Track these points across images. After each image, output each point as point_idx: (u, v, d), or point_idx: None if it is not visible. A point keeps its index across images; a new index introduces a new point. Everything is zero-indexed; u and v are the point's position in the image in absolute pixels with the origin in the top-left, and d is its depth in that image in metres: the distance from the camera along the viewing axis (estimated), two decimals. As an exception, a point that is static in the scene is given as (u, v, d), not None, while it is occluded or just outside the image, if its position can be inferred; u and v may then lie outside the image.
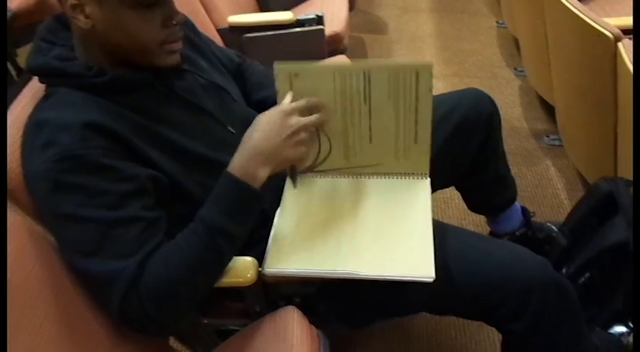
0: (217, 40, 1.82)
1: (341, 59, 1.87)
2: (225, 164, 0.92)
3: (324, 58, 1.90)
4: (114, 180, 0.78)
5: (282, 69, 0.85)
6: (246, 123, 1.02)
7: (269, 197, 0.98)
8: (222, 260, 0.82)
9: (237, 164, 0.82)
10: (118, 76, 0.84)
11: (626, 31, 1.20)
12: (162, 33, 0.84)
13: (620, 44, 1.12)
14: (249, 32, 1.81)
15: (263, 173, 0.81)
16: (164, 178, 0.84)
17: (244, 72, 1.19)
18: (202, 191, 0.88)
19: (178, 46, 0.88)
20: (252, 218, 0.83)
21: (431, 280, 0.79)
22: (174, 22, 0.84)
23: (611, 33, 1.14)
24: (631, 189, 1.14)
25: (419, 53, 2.86)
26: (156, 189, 0.83)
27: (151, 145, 0.83)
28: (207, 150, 0.91)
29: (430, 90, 0.85)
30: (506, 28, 2.92)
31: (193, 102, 0.93)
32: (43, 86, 0.86)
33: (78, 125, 0.77)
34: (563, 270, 1.27)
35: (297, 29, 1.84)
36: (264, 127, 0.82)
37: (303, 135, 0.82)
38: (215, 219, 0.79)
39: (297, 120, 0.82)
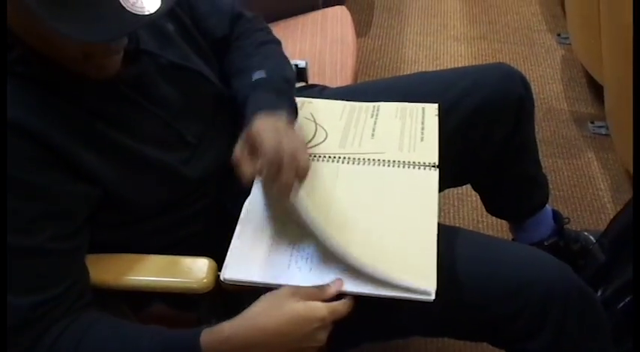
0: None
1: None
2: (180, 170, 0.93)
3: (318, 7, 1.90)
4: (25, 197, 0.77)
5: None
6: (215, 124, 1.01)
7: (231, 190, 0.99)
8: None
9: (215, 339, 0.78)
10: (46, 72, 0.81)
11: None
12: (90, 47, 0.80)
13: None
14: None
15: None
16: (96, 191, 0.84)
17: (230, 52, 1.12)
18: (146, 199, 0.89)
19: (115, 61, 0.85)
20: None
21: (431, 299, 0.81)
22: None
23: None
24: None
25: (439, 7, 2.86)
26: (86, 208, 0.84)
27: (85, 146, 0.82)
28: (158, 153, 0.91)
29: (436, 117, 1.11)
30: (550, -19, 2.93)
31: (143, 101, 0.91)
32: None
33: None
34: (599, 292, 1.30)
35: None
36: (282, 316, 0.80)
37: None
38: None
39: (325, 337, 0.81)
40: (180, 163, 0.94)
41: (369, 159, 1.03)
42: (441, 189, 1.01)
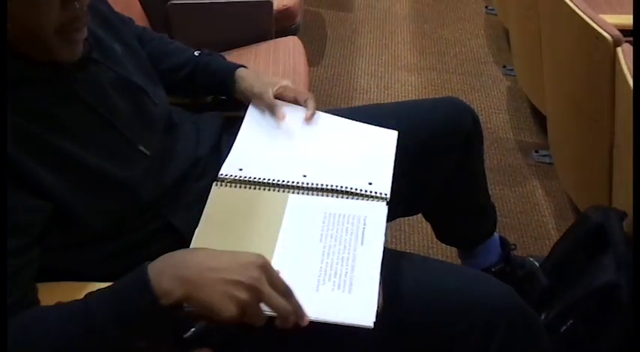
0: (134, 7, 1.82)
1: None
2: (132, 186, 0.93)
3: (270, 37, 1.93)
4: None
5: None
6: (165, 142, 1.04)
7: (184, 214, 1.01)
8: None
9: (162, 265, 0.78)
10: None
11: (629, 32, 1.29)
12: (60, 17, 0.81)
13: (619, 49, 1.20)
14: (176, -2, 1.83)
15: (176, 293, 0.76)
16: (49, 206, 0.83)
17: (145, 44, 1.21)
18: (98, 217, 0.89)
19: (82, 34, 0.87)
20: (150, 333, 0.80)
21: (371, 326, 0.83)
22: (77, 4, 0.82)
23: (611, 35, 1.22)
24: (624, 223, 1.22)
25: (390, 39, 2.93)
26: (38, 223, 0.83)
27: (38, 159, 0.82)
28: (111, 167, 0.91)
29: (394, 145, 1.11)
30: (496, 15, 3.04)
31: (96, 105, 0.92)
32: None
33: None
34: (543, 316, 1.34)
35: (237, -1, 1.86)
36: (223, 254, 0.80)
37: (248, 298, 0.76)
38: (101, 320, 0.76)
39: (258, 278, 0.77)
40: (134, 179, 0.94)
41: (319, 188, 1.04)
42: (391, 219, 1.04)
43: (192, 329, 0.84)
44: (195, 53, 1.25)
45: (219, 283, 0.76)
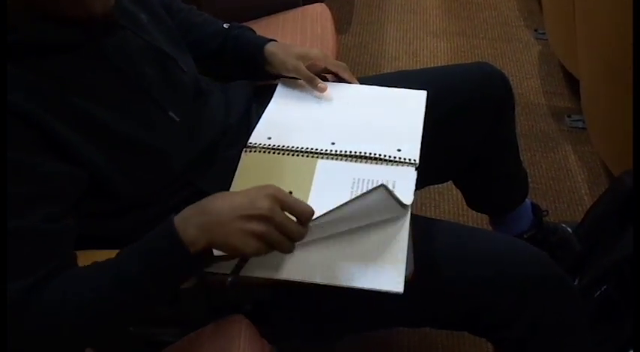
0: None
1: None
2: (163, 152, 0.94)
3: (298, 4, 1.91)
4: (18, 179, 0.77)
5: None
6: (195, 109, 1.04)
7: (215, 181, 1.01)
8: (128, 313, 0.83)
9: (185, 215, 0.81)
10: (34, 34, 0.82)
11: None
12: None
13: (657, 9, 1.16)
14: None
15: (201, 241, 0.79)
16: (84, 174, 0.85)
17: (174, 16, 1.21)
18: (130, 184, 0.90)
19: None
20: (180, 281, 0.84)
21: (400, 292, 0.83)
22: None
23: (648, -6, 1.18)
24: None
25: (418, 3, 2.89)
26: (74, 190, 0.84)
27: (71, 126, 0.83)
28: (143, 133, 0.92)
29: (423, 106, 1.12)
30: (527, -24, 2.96)
31: (127, 70, 0.93)
32: None
33: None
34: (576, 281, 1.33)
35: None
36: (237, 194, 0.83)
37: (263, 228, 0.78)
38: (131, 270, 0.79)
39: (267, 207, 0.78)
40: (164, 145, 0.95)
41: (348, 155, 1.04)
42: (422, 186, 1.03)
43: (230, 278, 0.86)
44: (225, 26, 1.25)
45: (235, 221, 0.78)
